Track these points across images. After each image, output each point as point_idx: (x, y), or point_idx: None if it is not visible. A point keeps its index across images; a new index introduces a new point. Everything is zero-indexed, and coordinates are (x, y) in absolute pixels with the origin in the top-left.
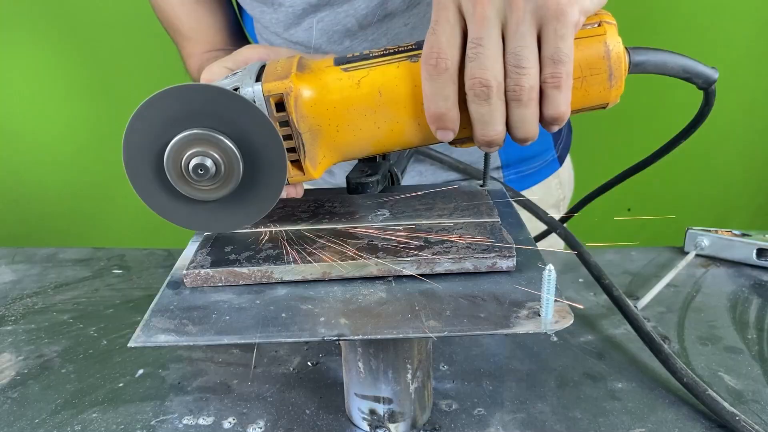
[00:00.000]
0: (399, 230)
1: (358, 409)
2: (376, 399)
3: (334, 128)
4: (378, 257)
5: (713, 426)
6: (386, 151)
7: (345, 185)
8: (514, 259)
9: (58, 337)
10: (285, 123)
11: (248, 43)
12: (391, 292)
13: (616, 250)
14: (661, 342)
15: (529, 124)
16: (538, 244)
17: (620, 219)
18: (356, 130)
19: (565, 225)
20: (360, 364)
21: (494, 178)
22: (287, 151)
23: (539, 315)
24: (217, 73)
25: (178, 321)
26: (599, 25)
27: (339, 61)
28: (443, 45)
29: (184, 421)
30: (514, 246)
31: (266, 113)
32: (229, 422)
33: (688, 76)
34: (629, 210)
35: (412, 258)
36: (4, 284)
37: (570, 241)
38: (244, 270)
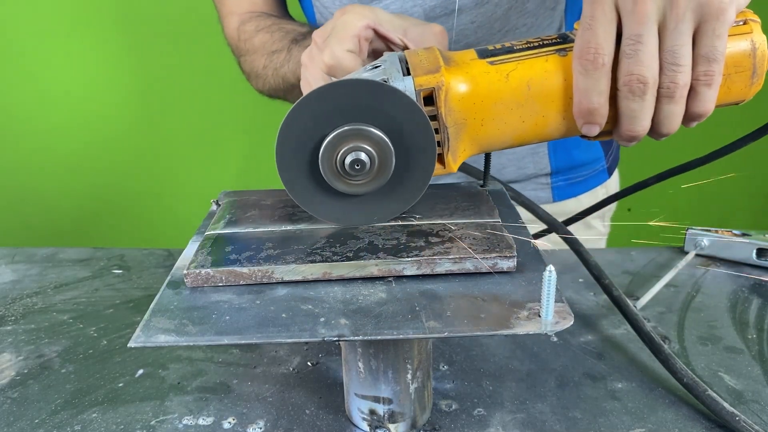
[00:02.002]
0: (399, 230)
1: (358, 409)
2: (376, 399)
3: (479, 122)
4: (378, 257)
5: (713, 426)
6: (526, 144)
7: None
8: (515, 259)
9: (58, 337)
10: (432, 117)
11: (287, 11)
12: (391, 293)
13: (616, 250)
14: (661, 342)
15: (675, 120)
16: (538, 242)
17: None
18: (501, 123)
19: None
20: (360, 365)
21: (506, 189)
22: None
23: (539, 316)
24: (343, 59)
25: (178, 321)
26: (745, 23)
27: (483, 54)
28: (600, 40)
29: (184, 421)
30: (514, 246)
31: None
32: (229, 422)
33: None
34: (629, 210)
35: (412, 258)
36: (4, 284)
37: (571, 241)
38: (245, 270)
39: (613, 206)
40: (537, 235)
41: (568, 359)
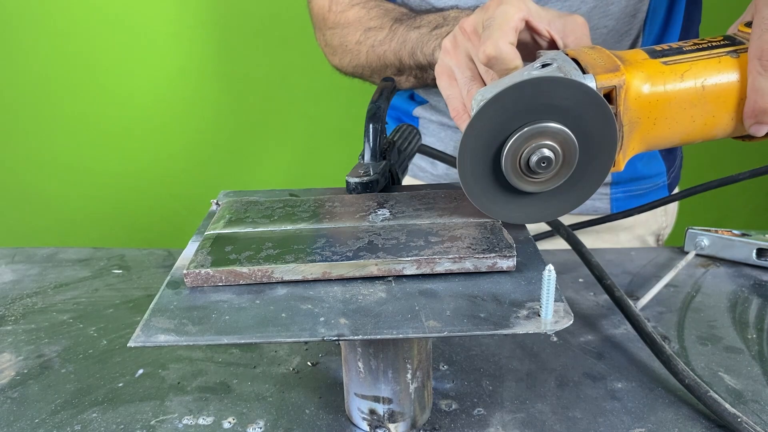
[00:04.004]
0: (399, 230)
1: (357, 409)
2: (376, 399)
3: (652, 121)
4: (378, 257)
5: (713, 426)
6: (690, 143)
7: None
8: (515, 259)
9: (58, 337)
10: None
11: None
12: (391, 292)
13: (615, 250)
14: (663, 344)
15: None
16: (539, 244)
17: None
18: (672, 123)
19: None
20: (360, 364)
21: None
22: None
23: (539, 315)
24: (506, 52)
25: (178, 321)
26: None
27: (654, 54)
28: None
29: (184, 421)
30: (514, 246)
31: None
32: (229, 422)
33: None
34: None
35: (412, 258)
36: (4, 284)
37: (572, 242)
38: (245, 270)
39: (670, 224)
40: (539, 237)
41: (568, 359)
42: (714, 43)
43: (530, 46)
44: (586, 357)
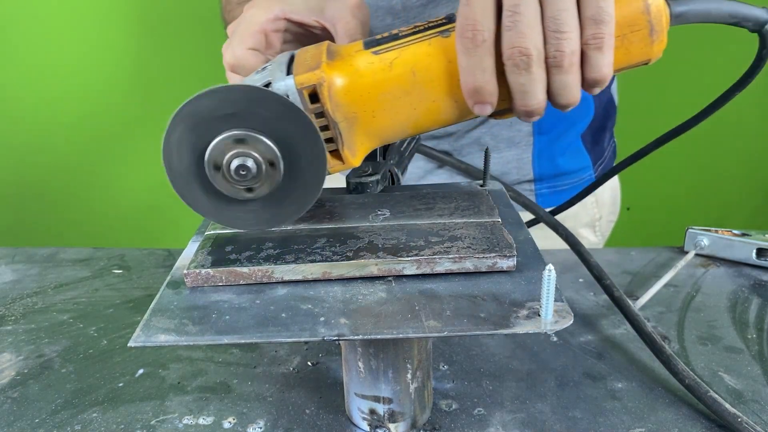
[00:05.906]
0: (399, 230)
1: (358, 408)
2: (376, 399)
3: (370, 114)
4: (378, 257)
5: (713, 426)
6: (425, 131)
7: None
8: (515, 259)
9: (58, 337)
10: (320, 114)
11: None
12: (391, 292)
13: (615, 250)
14: (663, 344)
15: (571, 90)
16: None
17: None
18: (392, 113)
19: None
20: (360, 364)
21: (506, 189)
22: (325, 142)
23: (539, 315)
24: (243, 58)
25: (178, 321)
26: None
27: (369, 45)
28: (478, 16)
29: (184, 421)
30: (514, 246)
31: (301, 106)
32: (229, 422)
33: (736, 21)
34: (628, 209)
35: (412, 258)
36: (4, 284)
37: (571, 242)
38: (245, 270)
39: (605, 215)
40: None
41: (568, 359)
42: (432, 24)
43: (311, 38)
44: (586, 357)
